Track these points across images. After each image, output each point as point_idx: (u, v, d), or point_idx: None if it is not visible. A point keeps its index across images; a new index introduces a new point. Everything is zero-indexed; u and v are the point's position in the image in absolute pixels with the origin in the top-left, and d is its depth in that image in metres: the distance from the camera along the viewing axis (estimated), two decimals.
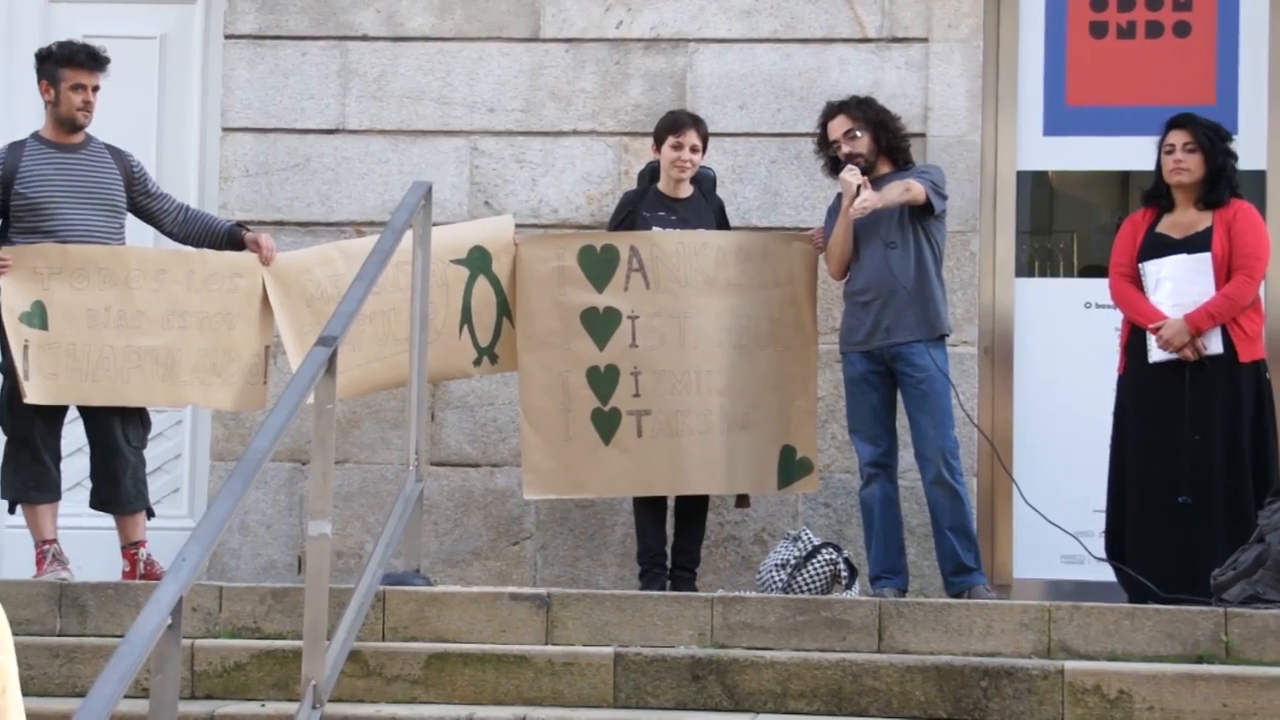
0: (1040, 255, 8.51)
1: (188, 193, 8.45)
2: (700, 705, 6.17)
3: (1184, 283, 7.31)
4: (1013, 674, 6.06)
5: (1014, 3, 8.42)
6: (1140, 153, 7.79)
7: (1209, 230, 7.35)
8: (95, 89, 7.56)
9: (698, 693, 6.18)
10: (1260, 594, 6.63)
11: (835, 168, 7.62)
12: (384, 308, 7.49)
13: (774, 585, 7.35)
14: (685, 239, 7.70)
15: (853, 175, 7.45)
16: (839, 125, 7.64)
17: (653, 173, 7.95)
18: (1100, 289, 7.84)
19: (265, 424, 5.47)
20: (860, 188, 7.40)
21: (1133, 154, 8.07)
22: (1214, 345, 7.27)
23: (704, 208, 7.87)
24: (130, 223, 7.72)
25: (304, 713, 5.59)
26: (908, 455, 7.62)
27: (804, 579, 7.33)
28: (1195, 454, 7.24)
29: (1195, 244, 7.35)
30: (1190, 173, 7.40)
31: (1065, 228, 8.71)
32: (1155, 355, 7.32)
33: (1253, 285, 7.34)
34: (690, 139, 7.75)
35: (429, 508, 7.96)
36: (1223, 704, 5.92)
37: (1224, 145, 7.45)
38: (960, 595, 7.29)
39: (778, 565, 7.41)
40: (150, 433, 7.69)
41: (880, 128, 7.64)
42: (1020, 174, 8.41)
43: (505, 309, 7.73)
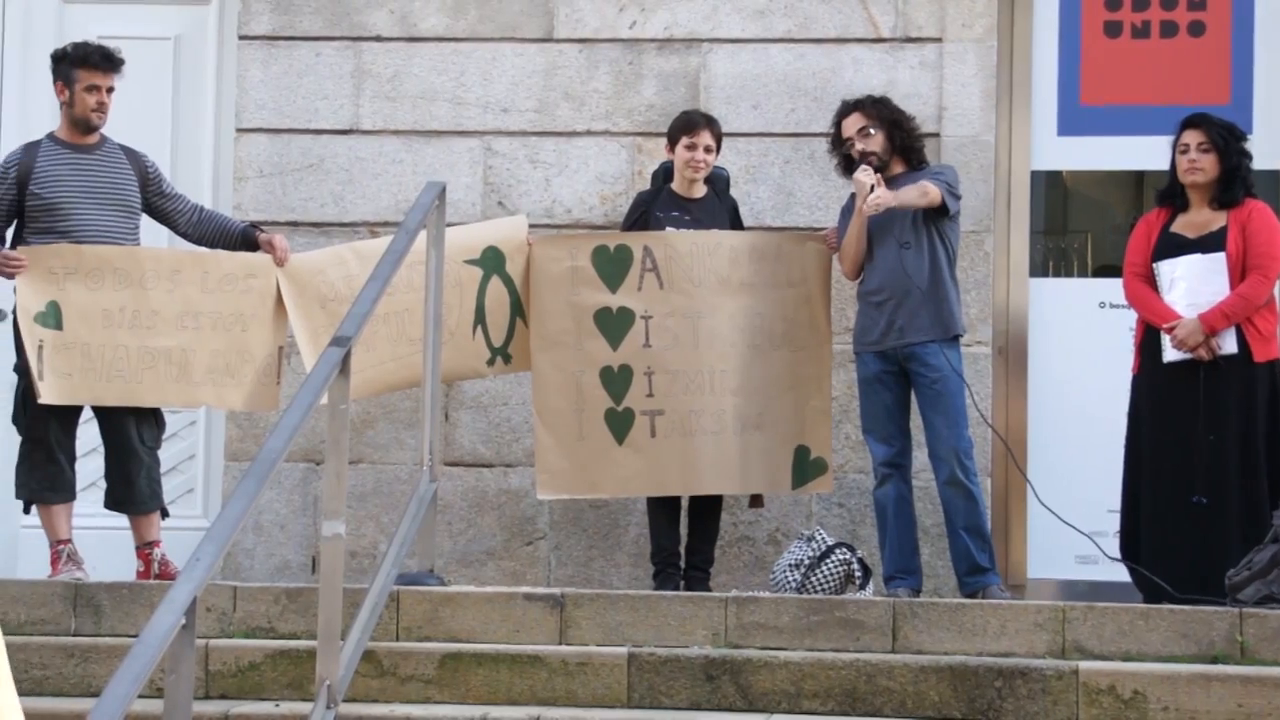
0: (1054, 255, 8.50)
1: (202, 193, 8.46)
2: (714, 705, 6.16)
3: (1198, 282, 7.30)
4: (1027, 674, 6.05)
5: (1028, 2, 8.41)
6: (1155, 152, 7.77)
7: (1223, 230, 7.34)
8: (109, 90, 7.57)
9: (712, 693, 6.18)
10: (1275, 594, 6.62)
11: (849, 167, 7.62)
12: (398, 308, 7.49)
13: (788, 585, 7.34)
14: (699, 239, 7.70)
15: (866, 175, 7.44)
16: (853, 123, 7.64)
17: (666, 173, 7.94)
18: (1114, 289, 7.83)
19: (279, 424, 5.47)
20: (874, 187, 7.39)
21: (1147, 154, 8.06)
22: (1228, 345, 7.26)
23: (718, 208, 7.86)
24: (145, 223, 7.73)
25: (318, 713, 5.60)
26: (922, 455, 7.60)
27: (818, 579, 7.32)
28: (1210, 454, 7.22)
29: (1210, 244, 7.34)
30: (1205, 172, 7.39)
31: (1079, 227, 8.70)
32: (1170, 355, 7.31)
33: (1267, 285, 7.32)
34: (704, 139, 7.74)
35: (443, 508, 7.97)
36: (1238, 704, 5.91)
37: (1238, 145, 7.44)
38: (974, 595, 7.28)
39: (792, 565, 7.40)
40: (165, 433, 7.69)
41: (894, 126, 7.63)
42: (1034, 174, 8.40)
43: (519, 309, 7.72)
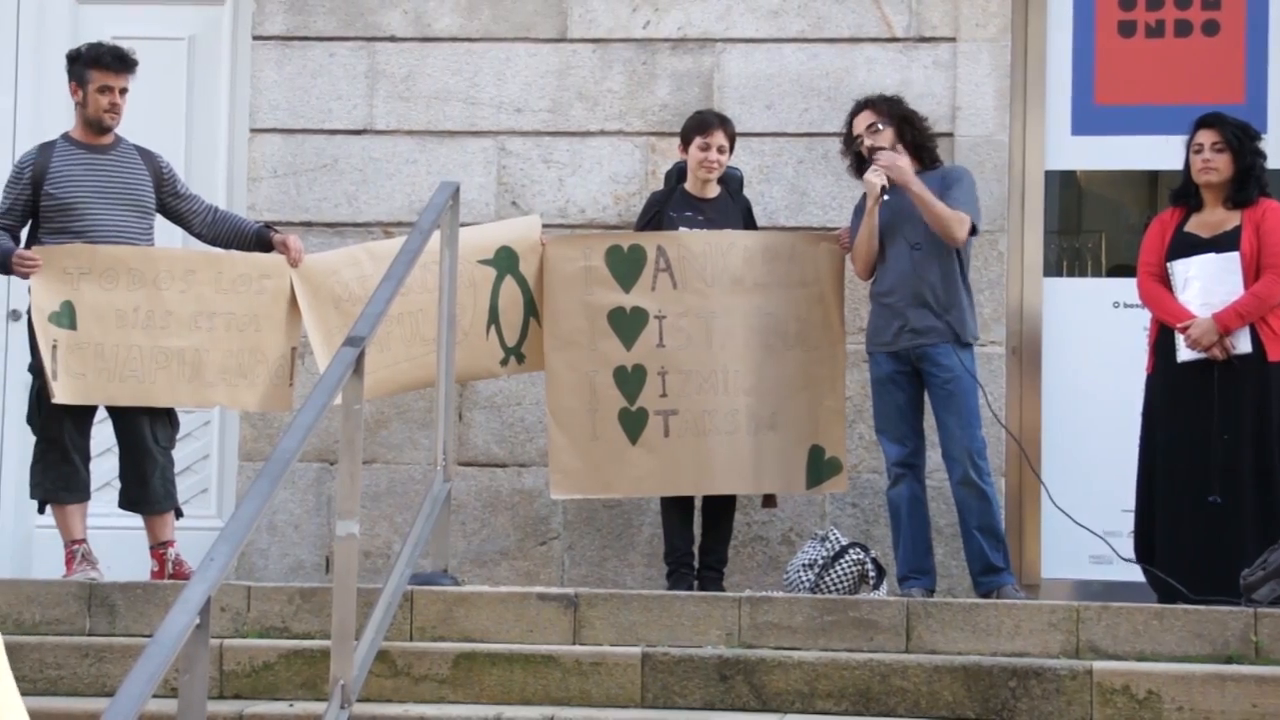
0: (1068, 255, 8.50)
1: (216, 193, 8.47)
2: (728, 705, 6.16)
3: (1212, 282, 7.29)
4: (1041, 674, 6.04)
5: (1042, 2, 8.40)
6: (1168, 152, 7.77)
7: (1237, 229, 7.33)
8: (123, 91, 7.58)
9: (725, 693, 6.17)
10: None
11: (861, 167, 7.61)
12: (411, 308, 7.49)
13: (801, 585, 7.33)
14: (712, 239, 7.69)
15: (877, 176, 7.43)
16: (863, 120, 7.62)
17: (679, 173, 7.94)
18: (1128, 288, 7.82)
19: (293, 424, 5.47)
20: (884, 188, 7.38)
21: (1161, 153, 8.05)
22: (1243, 344, 7.25)
23: (731, 208, 7.86)
24: (159, 224, 7.74)
25: (332, 712, 5.60)
26: (935, 455, 7.59)
27: (831, 579, 7.31)
28: (1224, 453, 7.22)
29: (1223, 243, 7.33)
30: (1219, 172, 7.38)
31: (1093, 227, 8.69)
32: (1184, 355, 7.30)
33: None
34: (717, 139, 7.74)
35: (456, 508, 7.97)
36: (1252, 704, 5.90)
37: (1253, 144, 7.43)
38: (988, 595, 7.27)
39: (805, 565, 7.39)
40: (179, 433, 7.70)
41: (904, 122, 7.61)
42: (1048, 173, 8.39)
43: (532, 309, 7.73)
